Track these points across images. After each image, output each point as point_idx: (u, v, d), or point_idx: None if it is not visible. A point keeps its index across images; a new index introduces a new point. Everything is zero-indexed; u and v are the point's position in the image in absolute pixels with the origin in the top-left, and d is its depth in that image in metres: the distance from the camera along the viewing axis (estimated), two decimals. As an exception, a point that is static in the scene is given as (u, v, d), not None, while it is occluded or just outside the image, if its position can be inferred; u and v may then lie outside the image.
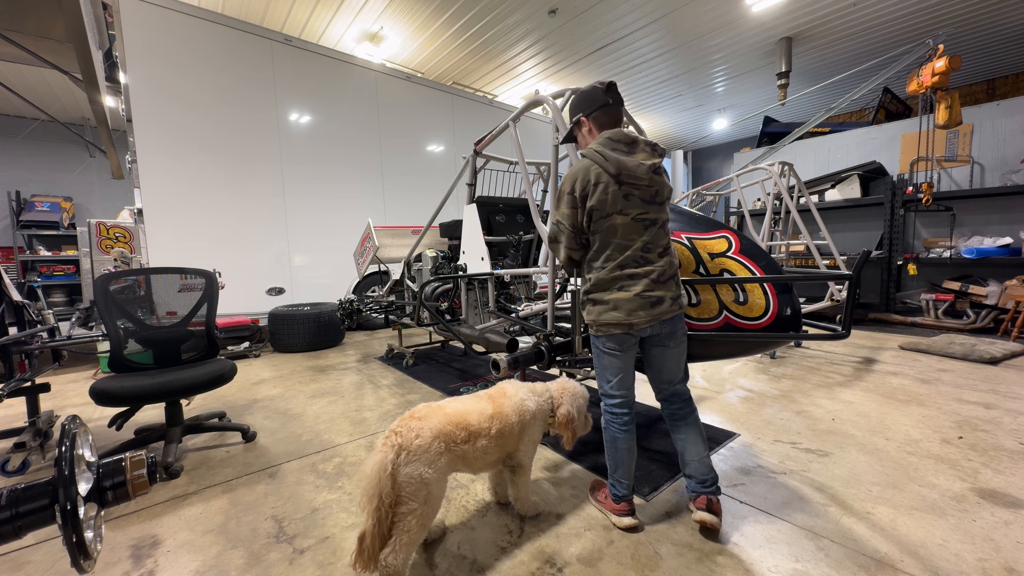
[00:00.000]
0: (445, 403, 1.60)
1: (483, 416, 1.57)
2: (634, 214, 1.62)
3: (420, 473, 1.35)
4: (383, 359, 4.56)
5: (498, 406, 1.64)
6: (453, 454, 1.47)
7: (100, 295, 2.39)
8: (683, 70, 7.76)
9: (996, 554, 1.51)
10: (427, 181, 7.02)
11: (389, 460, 1.34)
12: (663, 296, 1.61)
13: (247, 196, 5.35)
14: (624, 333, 1.64)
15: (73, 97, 6.66)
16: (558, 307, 2.60)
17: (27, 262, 6.95)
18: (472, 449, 1.51)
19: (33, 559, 1.63)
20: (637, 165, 1.60)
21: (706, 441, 1.76)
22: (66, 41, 2.61)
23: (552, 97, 2.63)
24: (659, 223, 1.66)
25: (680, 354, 1.74)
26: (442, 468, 1.42)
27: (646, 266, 1.62)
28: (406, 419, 1.47)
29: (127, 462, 0.78)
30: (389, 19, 5.98)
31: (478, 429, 1.53)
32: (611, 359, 1.70)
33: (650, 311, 1.60)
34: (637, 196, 1.61)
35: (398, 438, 1.39)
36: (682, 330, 1.72)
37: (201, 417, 2.69)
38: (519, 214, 3.83)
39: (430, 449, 1.40)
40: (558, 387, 1.86)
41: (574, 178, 1.64)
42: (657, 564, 1.51)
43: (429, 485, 1.37)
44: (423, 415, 1.49)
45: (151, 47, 4.68)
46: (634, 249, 1.62)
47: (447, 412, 1.53)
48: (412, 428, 1.42)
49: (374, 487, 1.31)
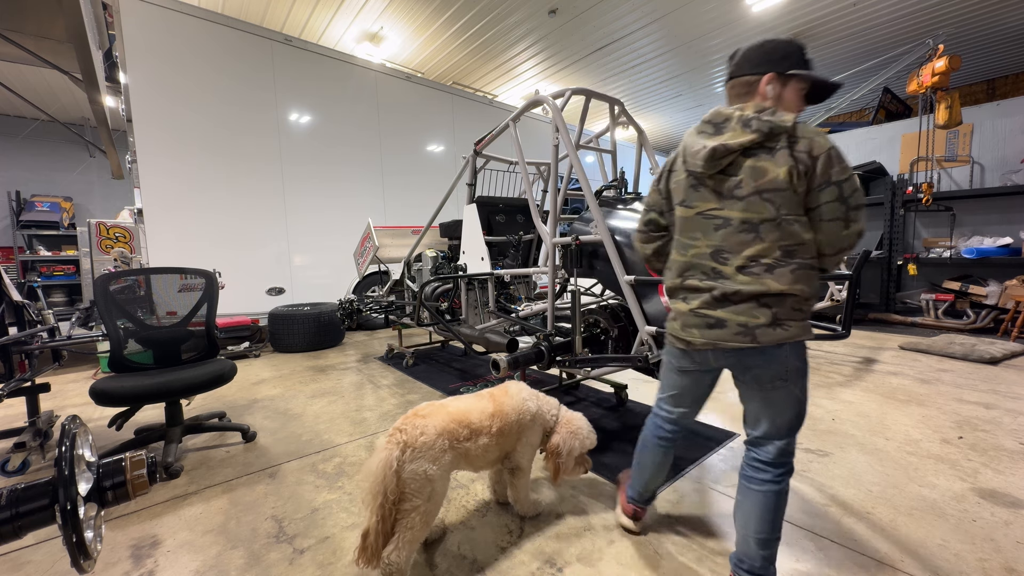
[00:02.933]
0: (447, 401, 1.60)
1: (484, 414, 1.58)
2: (700, 208, 1.30)
3: (424, 470, 1.37)
4: (383, 359, 4.56)
5: (499, 404, 1.64)
6: (456, 452, 1.48)
7: (100, 295, 2.39)
8: (683, 70, 7.77)
9: (996, 554, 1.51)
10: (427, 181, 7.02)
11: (394, 457, 1.35)
12: (726, 320, 1.22)
13: (247, 196, 5.35)
14: (681, 350, 1.37)
15: (73, 97, 6.66)
16: (558, 307, 2.60)
17: (27, 262, 6.95)
18: (474, 446, 1.52)
19: (33, 559, 1.63)
20: (700, 148, 1.27)
21: (774, 526, 1.27)
22: (66, 41, 2.61)
23: (552, 97, 2.62)
24: (734, 224, 1.23)
25: (763, 402, 1.27)
26: (446, 465, 1.44)
27: (711, 280, 1.26)
28: (410, 417, 1.48)
29: (127, 462, 0.78)
30: (389, 19, 5.98)
31: (479, 427, 1.55)
32: (668, 372, 1.48)
33: (706, 332, 1.26)
34: (709, 186, 1.28)
35: (403, 435, 1.40)
36: (769, 371, 1.22)
37: (201, 417, 2.69)
38: (519, 214, 3.83)
39: (434, 446, 1.41)
40: (566, 415, 1.78)
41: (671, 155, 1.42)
42: (657, 564, 1.51)
43: (433, 482, 1.38)
44: (427, 413, 1.50)
45: (151, 47, 4.68)
46: (697, 254, 1.30)
47: (450, 410, 1.54)
48: (416, 426, 1.43)
49: (379, 484, 1.32)
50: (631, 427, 2.60)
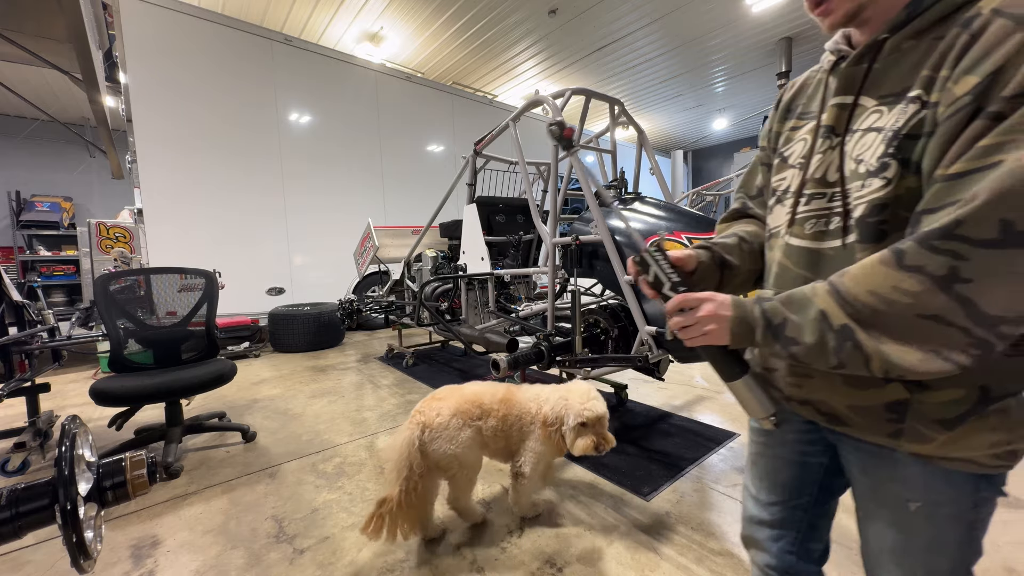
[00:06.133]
0: (465, 385, 1.72)
1: (495, 398, 1.66)
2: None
3: (445, 449, 1.53)
4: (383, 359, 4.56)
5: (510, 392, 1.70)
6: (474, 428, 1.59)
7: (100, 295, 2.39)
8: (683, 70, 7.77)
9: (996, 554, 1.51)
10: (427, 181, 7.02)
11: (415, 436, 1.52)
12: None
13: (247, 195, 5.35)
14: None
15: (73, 97, 6.65)
16: (558, 307, 2.60)
17: (27, 262, 6.95)
18: (485, 427, 1.61)
19: (33, 559, 1.63)
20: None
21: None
22: (66, 41, 2.61)
23: (552, 97, 2.62)
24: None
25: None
26: (466, 441, 1.56)
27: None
28: (428, 400, 1.63)
29: (127, 462, 0.78)
30: (389, 19, 5.98)
31: (488, 408, 1.63)
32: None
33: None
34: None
35: (422, 416, 1.57)
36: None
37: (201, 417, 2.69)
38: (519, 214, 3.83)
39: (449, 426, 1.55)
40: (564, 389, 1.63)
41: None
42: (657, 564, 1.51)
43: (458, 456, 1.55)
44: (443, 396, 1.64)
45: (151, 47, 4.68)
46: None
47: (464, 393, 1.66)
48: (433, 408, 1.59)
49: (404, 460, 1.49)
50: (631, 427, 2.60)
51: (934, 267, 0.51)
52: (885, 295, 0.55)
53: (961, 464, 0.65)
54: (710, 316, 0.70)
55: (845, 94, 0.69)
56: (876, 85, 0.66)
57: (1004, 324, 0.50)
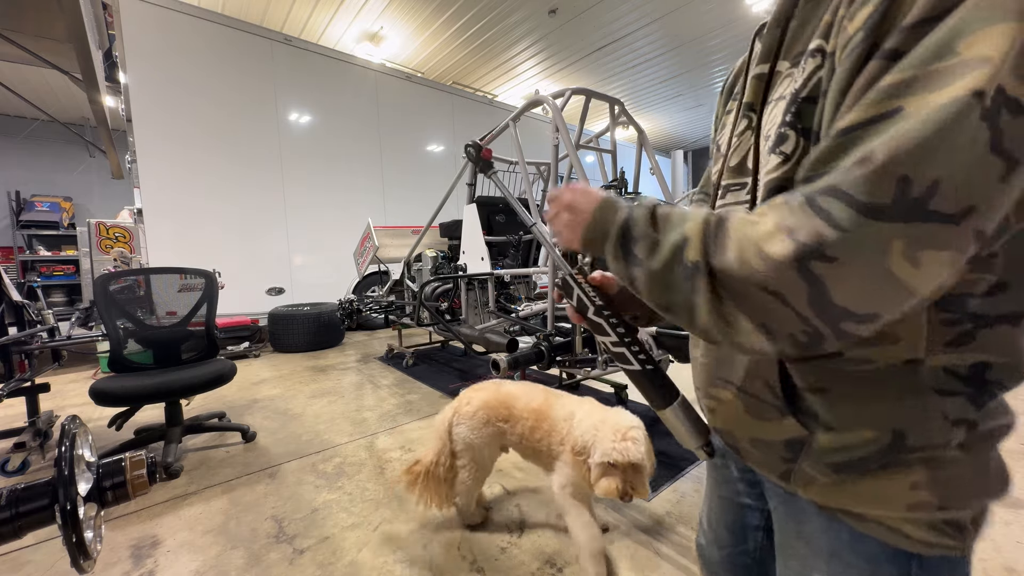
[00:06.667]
0: (505, 382, 1.75)
1: (528, 406, 1.58)
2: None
3: (465, 436, 1.59)
4: (383, 359, 4.56)
5: (547, 403, 1.55)
6: (495, 428, 1.60)
7: (100, 295, 2.39)
8: (683, 70, 7.77)
9: (996, 554, 1.51)
10: (427, 181, 7.02)
11: (448, 417, 1.64)
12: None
13: (247, 196, 5.35)
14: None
15: (73, 97, 6.65)
16: (558, 307, 2.60)
17: (27, 262, 6.95)
18: (510, 431, 1.59)
19: (33, 559, 1.63)
20: None
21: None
22: (66, 41, 2.61)
23: (552, 97, 2.62)
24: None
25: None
26: (485, 437, 1.59)
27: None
28: (468, 390, 1.71)
29: (127, 462, 0.78)
30: (389, 19, 5.98)
31: (518, 415, 1.58)
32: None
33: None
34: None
35: (458, 402, 1.67)
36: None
37: (201, 417, 2.69)
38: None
39: (474, 416, 1.60)
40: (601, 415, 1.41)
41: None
42: (657, 565, 1.51)
43: (473, 448, 1.59)
44: (480, 387, 1.70)
45: (151, 47, 4.68)
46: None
47: (500, 390, 1.67)
48: (467, 397, 1.67)
49: (444, 432, 1.63)
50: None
51: (804, 234, 0.37)
52: (748, 256, 0.41)
53: (875, 528, 0.49)
54: (569, 205, 0.57)
55: (764, 62, 0.57)
56: (792, 43, 0.53)
57: (847, 321, 0.38)
